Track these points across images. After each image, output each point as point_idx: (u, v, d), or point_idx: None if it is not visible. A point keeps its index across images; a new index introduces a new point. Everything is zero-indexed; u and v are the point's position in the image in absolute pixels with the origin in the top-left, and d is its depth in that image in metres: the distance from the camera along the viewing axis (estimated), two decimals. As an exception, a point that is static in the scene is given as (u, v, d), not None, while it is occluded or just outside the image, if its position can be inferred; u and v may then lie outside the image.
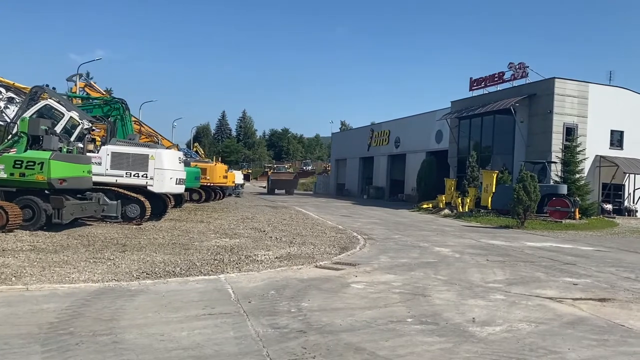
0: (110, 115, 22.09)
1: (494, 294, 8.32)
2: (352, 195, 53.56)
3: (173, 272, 8.58)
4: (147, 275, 8.17)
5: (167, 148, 20.14)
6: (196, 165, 27.72)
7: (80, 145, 15.70)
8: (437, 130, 40.99)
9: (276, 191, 51.97)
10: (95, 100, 23.30)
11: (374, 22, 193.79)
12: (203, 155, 55.64)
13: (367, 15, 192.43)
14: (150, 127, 34.44)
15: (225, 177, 32.82)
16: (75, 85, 35.57)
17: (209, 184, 31.29)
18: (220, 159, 39.27)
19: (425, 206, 32.77)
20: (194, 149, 64.26)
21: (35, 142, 13.65)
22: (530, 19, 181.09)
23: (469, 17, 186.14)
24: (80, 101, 23.63)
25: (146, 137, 29.80)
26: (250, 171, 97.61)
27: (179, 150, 37.12)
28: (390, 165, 48.80)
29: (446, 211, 29.61)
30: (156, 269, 8.68)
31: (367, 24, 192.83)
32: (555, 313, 7.16)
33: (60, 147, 13.99)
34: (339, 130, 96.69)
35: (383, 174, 49.50)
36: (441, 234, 18.29)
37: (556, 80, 30.20)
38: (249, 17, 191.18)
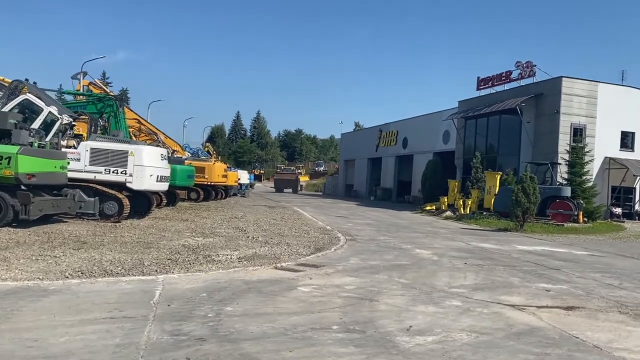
0: (104, 112, 21.93)
1: (451, 299, 7.71)
2: (360, 196, 52.96)
3: (111, 271, 8.12)
4: (81, 274, 7.73)
5: (147, 144, 19.79)
6: (190, 163, 27.35)
7: (56, 140, 15.45)
8: (444, 130, 40.22)
9: (284, 190, 59.22)
10: (90, 97, 23.13)
11: (394, 23, 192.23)
12: (214, 155, 55.59)
13: (387, 16, 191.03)
14: (153, 126, 34.27)
15: (225, 176, 32.42)
16: (80, 83, 35.57)
17: (208, 183, 30.96)
18: (220, 158, 38.83)
19: (428, 208, 32.07)
20: (205, 149, 64.34)
21: (4, 136, 13.36)
22: (542, 16, 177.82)
23: (482, 16, 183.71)
24: (84, 98, 23.51)
25: (146, 136, 29.59)
26: (262, 171, 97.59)
27: (182, 149, 37.01)
28: (398, 166, 48.09)
29: (448, 213, 28.87)
30: (95, 268, 8.24)
31: (387, 26, 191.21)
32: (507, 322, 6.54)
33: (31, 142, 13.67)
34: (351, 131, 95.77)
35: (390, 175, 48.80)
36: (431, 236, 17.64)
37: (564, 79, 29.30)
38: (267, 18, 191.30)
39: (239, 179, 44.20)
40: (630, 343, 5.93)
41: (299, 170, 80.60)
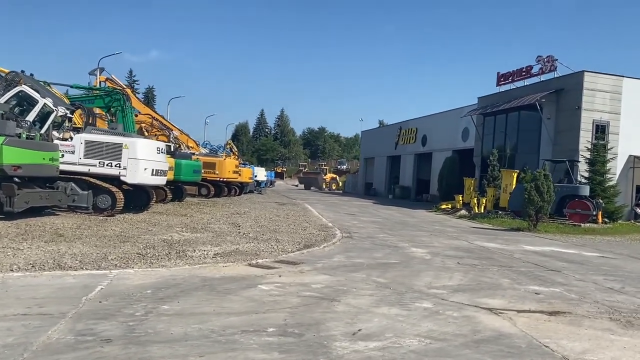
0: (111, 107, 21.78)
1: (423, 301, 7.09)
2: (379, 194, 52.16)
3: (65, 265, 7.73)
4: (30, 268, 7.35)
5: (148, 138, 19.52)
6: (197, 158, 27.06)
7: (54, 132, 15.29)
8: (463, 127, 39.18)
9: (311, 188, 63.57)
10: (97, 91, 23.01)
11: (419, 19, 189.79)
12: (236, 152, 55.48)
13: (413, 12, 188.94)
14: (168, 121, 34.19)
15: (237, 172, 32.06)
16: (96, 78, 35.72)
17: (219, 179, 30.66)
18: (233, 154, 38.47)
19: (444, 206, 31.20)
20: (228, 146, 64.42)
21: (-9, 127, 13.15)
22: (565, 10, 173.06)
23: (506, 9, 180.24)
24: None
25: (158, 131, 29.47)
26: (285, 169, 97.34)
27: (197, 145, 36.82)
28: (417, 164, 47.14)
29: (463, 212, 28.00)
30: (50, 261, 7.87)
31: (415, 22, 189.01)
32: (474, 327, 5.90)
33: (19, 133, 13.45)
34: (372, 129, 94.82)
35: (409, 173, 47.87)
36: (435, 235, 16.91)
37: (586, 73, 28.01)
38: (293, 16, 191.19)
39: (255, 176, 43.89)
40: (607, 354, 5.25)
41: (326, 168, 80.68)
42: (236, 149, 64.57)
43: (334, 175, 72.96)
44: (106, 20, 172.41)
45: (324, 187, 66.68)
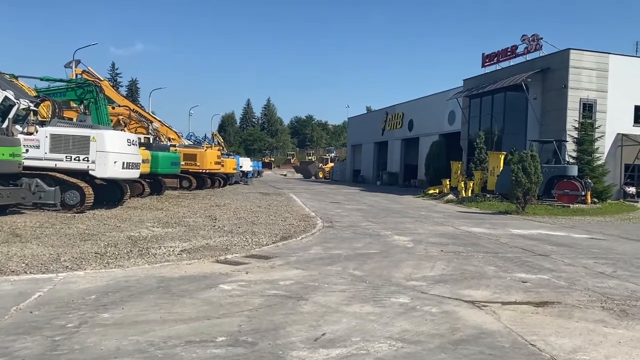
0: (84, 99, 20.94)
1: (399, 296, 6.49)
2: (367, 181, 51.64)
3: (7, 269, 7.03)
4: (-34, 274, 6.66)
5: (118, 130, 18.76)
6: (176, 150, 26.27)
7: (17, 126, 14.50)
8: (450, 111, 38.66)
9: (312, 177, 66.45)
10: (70, 83, 22.15)
11: (410, 9, 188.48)
12: (223, 144, 54.51)
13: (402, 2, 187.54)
14: (148, 113, 33.32)
15: (219, 163, 31.27)
16: (72, 71, 34.71)
17: (201, 171, 29.89)
18: (219, 145, 37.69)
19: (431, 191, 30.72)
20: (214, 137, 63.40)
21: (-56, 122, 12.38)
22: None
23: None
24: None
25: (136, 123, 28.61)
26: (273, 159, 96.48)
27: (179, 137, 35.91)
28: (404, 149, 46.61)
29: (450, 196, 27.49)
30: (-8, 266, 7.18)
31: (403, 10, 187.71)
32: (453, 325, 5.30)
33: (-25, 129, 12.67)
34: (358, 115, 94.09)
35: (397, 159, 47.36)
36: (421, 222, 16.35)
37: (571, 51, 27.51)
38: (279, 5, 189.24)
39: (241, 166, 43.08)
40: (600, 352, 4.66)
41: (327, 157, 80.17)
42: (222, 140, 63.42)
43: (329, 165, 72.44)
44: (90, 13, 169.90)
45: (321, 176, 67.19)
